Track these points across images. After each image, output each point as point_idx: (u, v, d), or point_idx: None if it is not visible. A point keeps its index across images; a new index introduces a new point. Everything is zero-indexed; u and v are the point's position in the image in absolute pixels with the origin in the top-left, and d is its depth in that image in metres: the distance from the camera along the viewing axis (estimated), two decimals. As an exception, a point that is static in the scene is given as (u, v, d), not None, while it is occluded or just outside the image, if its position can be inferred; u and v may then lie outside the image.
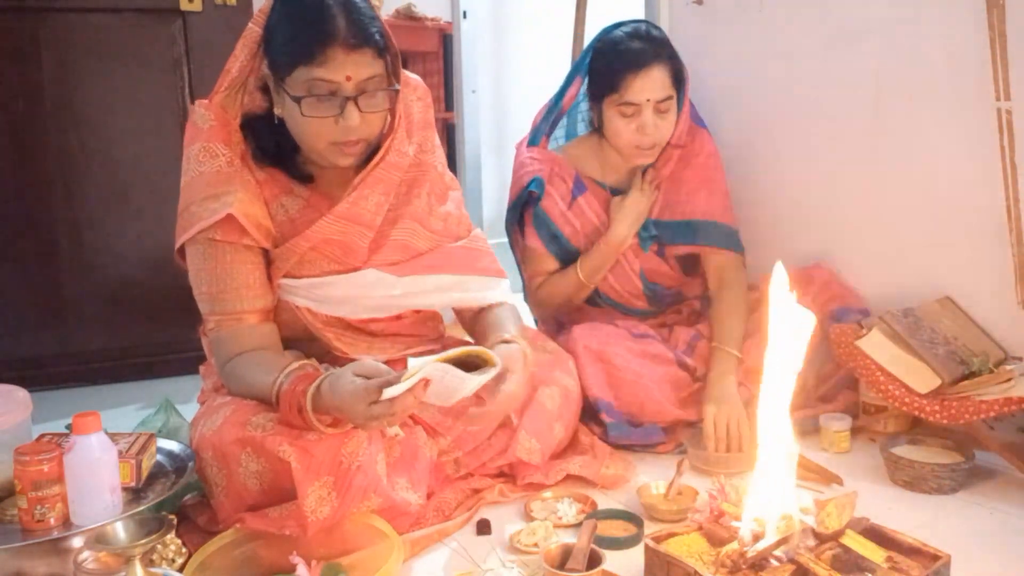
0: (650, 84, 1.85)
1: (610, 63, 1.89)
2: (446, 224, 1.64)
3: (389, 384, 1.19)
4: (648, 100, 1.86)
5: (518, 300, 1.79)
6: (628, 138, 1.90)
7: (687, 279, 2.12)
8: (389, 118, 1.49)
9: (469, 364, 1.27)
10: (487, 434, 1.61)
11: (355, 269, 1.52)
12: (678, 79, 1.91)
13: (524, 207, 2.01)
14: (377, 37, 1.38)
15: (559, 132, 2.14)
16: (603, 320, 1.97)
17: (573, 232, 2.01)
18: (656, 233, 2.02)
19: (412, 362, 1.16)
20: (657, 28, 1.98)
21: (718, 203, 2.05)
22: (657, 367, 1.82)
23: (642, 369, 1.79)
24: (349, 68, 1.35)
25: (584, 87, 2.02)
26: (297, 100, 1.36)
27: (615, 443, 1.76)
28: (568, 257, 2.02)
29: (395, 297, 1.56)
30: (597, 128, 2.01)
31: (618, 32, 1.93)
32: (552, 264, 2.03)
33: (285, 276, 1.50)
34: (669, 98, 1.88)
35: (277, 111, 1.44)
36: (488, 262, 1.67)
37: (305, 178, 1.53)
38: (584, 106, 2.09)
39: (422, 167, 1.60)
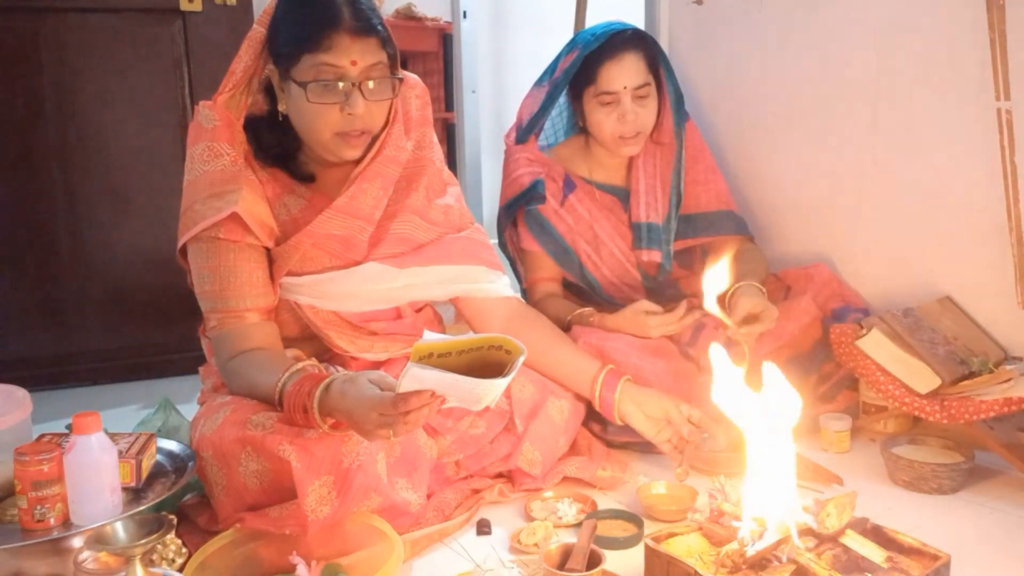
0: (626, 71, 1.89)
1: (586, 54, 1.92)
2: (447, 216, 1.65)
3: (405, 400, 1.14)
4: (625, 88, 1.89)
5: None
6: (611, 128, 1.93)
7: (684, 272, 2.13)
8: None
9: (489, 358, 1.17)
10: (489, 437, 1.60)
11: (356, 264, 1.53)
12: (655, 68, 1.95)
13: (518, 208, 2.02)
14: (380, 27, 1.42)
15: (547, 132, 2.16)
16: None
17: (567, 229, 2.03)
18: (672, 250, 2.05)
19: (413, 368, 1.10)
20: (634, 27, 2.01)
21: (719, 192, 2.10)
22: (658, 360, 1.81)
23: (642, 363, 1.78)
24: (354, 54, 1.38)
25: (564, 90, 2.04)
26: (303, 85, 1.38)
27: (615, 440, 1.75)
28: (564, 256, 2.02)
29: (397, 289, 1.57)
30: (582, 128, 2.05)
31: (593, 28, 1.98)
32: (549, 266, 2.03)
33: (287, 274, 1.51)
34: (646, 84, 1.92)
35: (281, 108, 1.46)
36: (489, 255, 1.69)
37: (307, 178, 1.54)
38: (566, 114, 2.14)
39: (420, 163, 1.61)
